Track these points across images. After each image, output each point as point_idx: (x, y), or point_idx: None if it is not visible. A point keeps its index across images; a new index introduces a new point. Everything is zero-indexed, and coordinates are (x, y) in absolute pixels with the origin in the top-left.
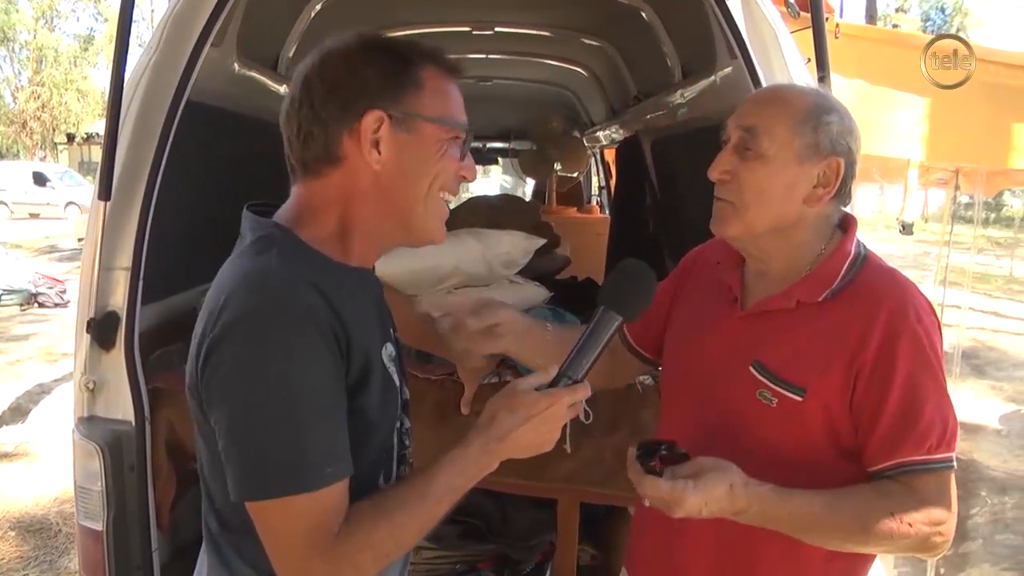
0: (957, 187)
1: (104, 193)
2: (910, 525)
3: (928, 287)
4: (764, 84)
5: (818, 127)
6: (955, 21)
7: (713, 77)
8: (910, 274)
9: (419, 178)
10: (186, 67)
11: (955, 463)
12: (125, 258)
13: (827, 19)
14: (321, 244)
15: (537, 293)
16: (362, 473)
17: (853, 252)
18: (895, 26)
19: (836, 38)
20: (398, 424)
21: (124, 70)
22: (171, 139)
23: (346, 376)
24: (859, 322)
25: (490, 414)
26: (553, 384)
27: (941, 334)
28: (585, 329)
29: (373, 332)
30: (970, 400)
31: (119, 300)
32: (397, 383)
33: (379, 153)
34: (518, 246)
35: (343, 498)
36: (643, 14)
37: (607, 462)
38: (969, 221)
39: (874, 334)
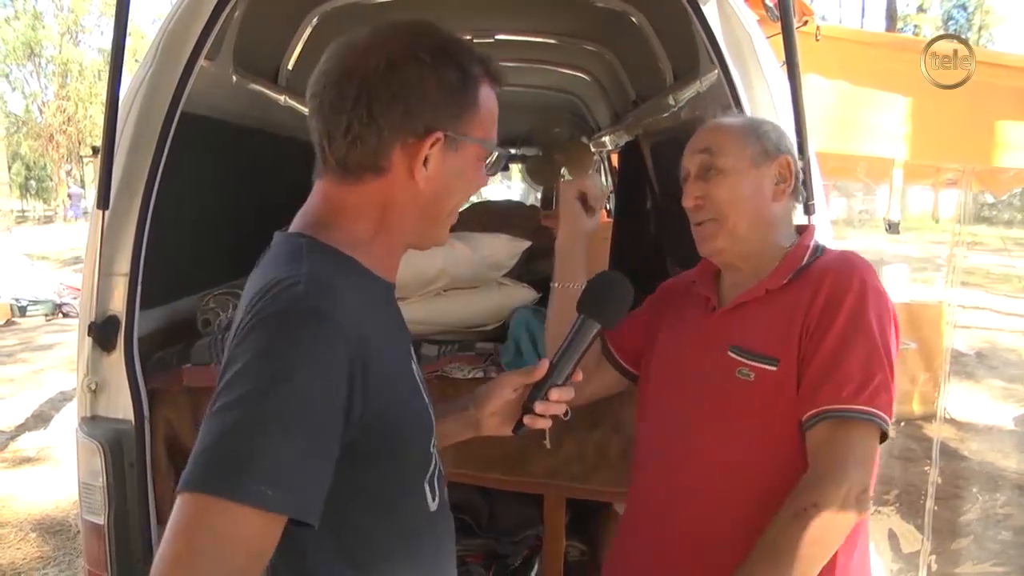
0: (968, 187)
1: (103, 202)
2: (815, 505)
3: (939, 287)
4: (740, 89)
5: (760, 136)
6: (976, 19)
7: (698, 81)
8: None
9: (453, 194)
10: (180, 80)
11: (883, 424)
12: (124, 264)
13: (806, 22)
14: (351, 249)
15: (525, 295)
16: (407, 486)
17: (812, 245)
18: (916, 27)
19: (816, 40)
20: (433, 438)
21: (119, 83)
22: (167, 150)
23: (363, 402)
24: (810, 291)
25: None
26: (537, 390)
27: (891, 312)
28: (567, 336)
29: (402, 344)
30: (986, 401)
31: (119, 305)
32: (426, 397)
33: (426, 170)
34: (503, 248)
35: (266, 537)
36: (633, 19)
37: (588, 458)
38: (991, 221)
39: (819, 297)
